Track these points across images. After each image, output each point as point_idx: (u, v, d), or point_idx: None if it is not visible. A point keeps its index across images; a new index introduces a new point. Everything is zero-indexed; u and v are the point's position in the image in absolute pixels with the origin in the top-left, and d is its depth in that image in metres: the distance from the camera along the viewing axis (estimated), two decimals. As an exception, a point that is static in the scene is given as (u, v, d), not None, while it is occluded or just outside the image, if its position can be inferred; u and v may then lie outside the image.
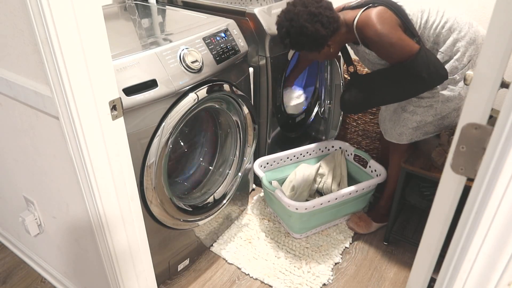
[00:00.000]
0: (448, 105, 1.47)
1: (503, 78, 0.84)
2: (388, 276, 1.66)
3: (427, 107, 1.49)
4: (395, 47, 1.37)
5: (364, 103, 1.60)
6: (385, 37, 1.36)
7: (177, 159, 1.67)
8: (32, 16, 0.83)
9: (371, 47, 1.45)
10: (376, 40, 1.38)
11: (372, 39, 1.39)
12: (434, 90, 1.46)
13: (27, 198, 1.39)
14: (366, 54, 1.52)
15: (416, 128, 1.55)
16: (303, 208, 1.66)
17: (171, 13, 1.79)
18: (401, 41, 1.37)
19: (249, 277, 1.66)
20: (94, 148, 0.98)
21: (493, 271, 0.62)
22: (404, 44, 1.37)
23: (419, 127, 1.55)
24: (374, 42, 1.40)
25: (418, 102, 1.50)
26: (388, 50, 1.39)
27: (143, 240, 1.24)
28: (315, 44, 1.44)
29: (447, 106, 1.48)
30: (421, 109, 1.51)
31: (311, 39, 1.42)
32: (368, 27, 1.38)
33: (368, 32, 1.38)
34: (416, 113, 1.52)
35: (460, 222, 0.62)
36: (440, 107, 1.48)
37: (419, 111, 1.51)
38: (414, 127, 1.55)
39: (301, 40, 1.43)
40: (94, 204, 1.06)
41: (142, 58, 1.22)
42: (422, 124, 1.54)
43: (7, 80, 1.06)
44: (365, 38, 1.42)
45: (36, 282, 1.64)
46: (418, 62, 1.37)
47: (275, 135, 2.05)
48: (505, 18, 0.50)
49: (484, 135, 0.56)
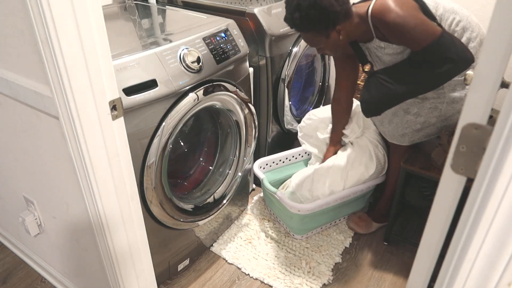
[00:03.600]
0: (453, 106, 1.46)
1: (503, 78, 0.84)
2: (388, 276, 1.66)
3: (431, 108, 1.48)
4: (419, 29, 1.29)
5: (388, 100, 1.48)
6: (408, 18, 1.29)
7: (177, 159, 1.67)
8: (32, 16, 0.83)
9: (390, 35, 1.36)
10: (398, 23, 1.30)
11: (394, 23, 1.30)
12: (440, 91, 1.45)
13: (27, 198, 1.39)
14: (380, 49, 1.44)
15: (419, 130, 1.55)
16: (305, 210, 1.66)
17: (171, 13, 1.79)
18: (425, 22, 1.30)
19: (249, 277, 1.66)
20: (94, 148, 0.98)
21: (493, 271, 0.62)
22: (428, 26, 1.30)
23: (422, 128, 1.54)
24: (396, 27, 1.31)
25: (422, 104, 1.49)
26: (411, 33, 1.30)
27: (143, 240, 1.24)
28: (325, 21, 1.35)
29: (452, 107, 1.47)
30: (425, 111, 1.49)
31: (322, 15, 1.33)
32: (388, 12, 1.30)
33: (388, 17, 1.30)
34: (420, 114, 1.50)
35: (460, 222, 0.62)
36: (445, 108, 1.47)
37: (423, 113, 1.50)
38: (418, 129, 1.54)
39: (311, 14, 1.33)
40: (94, 204, 1.06)
41: (142, 58, 1.22)
42: (426, 126, 1.53)
43: (7, 80, 1.06)
44: (385, 25, 1.34)
45: (36, 282, 1.64)
46: (444, 43, 1.29)
47: (275, 135, 2.05)
48: (505, 18, 0.50)
49: (484, 135, 0.56)
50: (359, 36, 1.47)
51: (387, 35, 1.38)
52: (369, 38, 1.45)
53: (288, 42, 1.87)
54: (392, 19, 1.30)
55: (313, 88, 2.26)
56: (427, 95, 1.47)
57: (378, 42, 1.43)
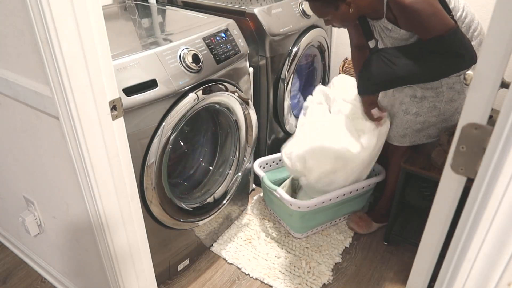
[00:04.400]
0: (452, 105, 1.47)
1: (503, 78, 0.84)
2: (388, 276, 1.66)
3: (430, 107, 1.48)
4: (435, 18, 1.26)
5: (387, 80, 1.44)
6: (426, 5, 1.25)
7: (177, 159, 1.68)
8: (32, 16, 0.83)
9: (403, 19, 1.32)
10: (416, 9, 1.26)
11: (411, 8, 1.26)
12: (438, 90, 1.45)
13: (27, 198, 1.39)
14: (386, 30, 1.40)
15: (419, 130, 1.55)
16: (305, 207, 1.67)
17: (171, 13, 1.79)
18: (442, 12, 1.27)
19: (249, 277, 1.66)
20: (94, 148, 0.98)
21: (493, 271, 0.62)
22: (444, 17, 1.27)
23: (422, 129, 1.54)
24: (413, 11, 1.27)
25: (421, 103, 1.49)
26: (426, 21, 1.27)
27: (143, 240, 1.24)
28: None
29: (450, 106, 1.47)
30: (424, 110, 1.50)
31: None
32: None
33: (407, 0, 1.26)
34: (420, 114, 1.51)
35: (460, 222, 0.62)
36: (443, 107, 1.47)
37: (423, 112, 1.50)
38: (418, 129, 1.55)
39: None
40: (94, 204, 1.06)
41: (142, 58, 1.22)
42: (426, 126, 1.53)
43: (7, 80, 1.06)
44: (401, 7, 1.29)
45: (36, 282, 1.64)
46: (457, 37, 1.28)
47: (275, 135, 2.05)
48: (505, 18, 0.50)
49: (484, 135, 0.56)
50: (368, 12, 1.42)
51: (399, 17, 1.34)
52: (378, 17, 1.40)
53: (288, 42, 1.87)
54: (410, 2, 1.26)
55: (313, 88, 2.26)
56: (426, 94, 1.47)
57: (386, 23, 1.39)
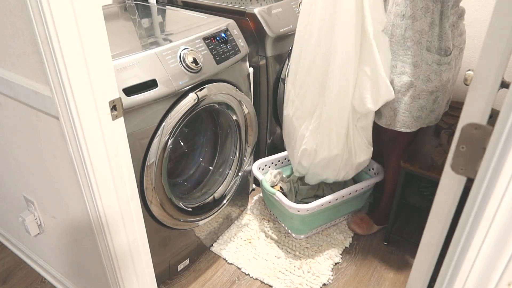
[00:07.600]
0: (428, 85, 1.42)
1: (503, 78, 0.84)
2: (388, 276, 1.66)
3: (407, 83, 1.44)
4: None
5: None
6: None
7: (177, 159, 1.68)
8: (32, 16, 0.83)
9: None
10: None
11: None
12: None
13: (27, 198, 1.39)
14: None
15: (432, 110, 1.49)
16: (304, 210, 1.66)
17: (171, 13, 1.79)
18: None
19: (249, 277, 1.66)
20: (94, 148, 0.98)
21: (493, 271, 0.62)
22: None
23: (433, 109, 1.49)
24: None
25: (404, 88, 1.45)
26: None
27: (143, 240, 1.24)
28: None
29: (426, 86, 1.43)
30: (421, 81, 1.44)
31: None
32: None
33: None
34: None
35: (460, 222, 0.62)
36: (420, 85, 1.43)
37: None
38: (431, 110, 1.49)
39: None
40: (94, 204, 1.06)
41: (142, 58, 1.22)
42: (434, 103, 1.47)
43: (7, 80, 1.06)
44: None
45: (36, 282, 1.64)
46: None
47: (275, 135, 2.05)
48: (505, 18, 0.50)
49: (484, 135, 0.56)
50: None
51: None
52: None
53: (288, 42, 1.87)
54: None
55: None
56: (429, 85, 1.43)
57: None
